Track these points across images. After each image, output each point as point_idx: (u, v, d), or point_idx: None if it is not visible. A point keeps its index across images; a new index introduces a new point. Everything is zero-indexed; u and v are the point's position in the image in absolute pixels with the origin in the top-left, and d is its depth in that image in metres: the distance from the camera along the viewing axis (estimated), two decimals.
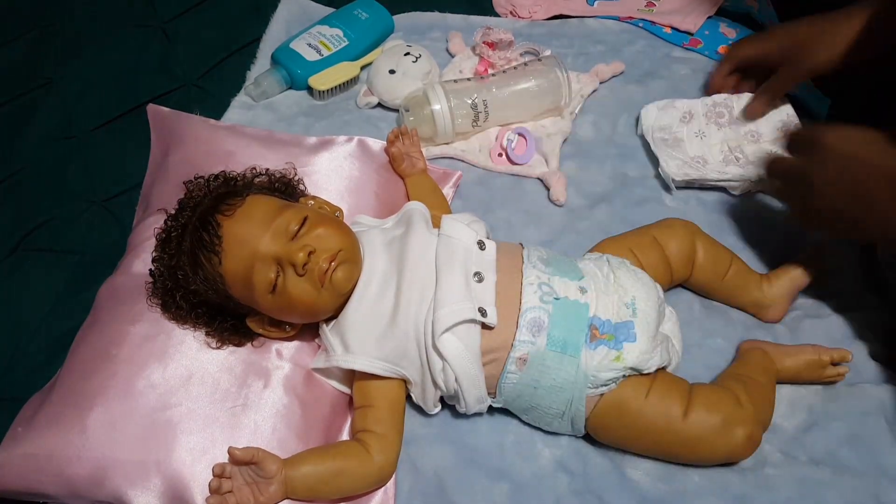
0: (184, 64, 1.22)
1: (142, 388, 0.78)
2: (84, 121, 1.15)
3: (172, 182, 0.94)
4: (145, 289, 0.85)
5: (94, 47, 1.24)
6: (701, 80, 1.20)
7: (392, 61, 1.14)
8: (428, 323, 0.78)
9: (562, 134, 1.11)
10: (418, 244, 0.83)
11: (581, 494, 0.80)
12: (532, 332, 0.79)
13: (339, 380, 0.85)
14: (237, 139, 1.00)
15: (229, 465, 0.73)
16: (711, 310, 0.95)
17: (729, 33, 1.27)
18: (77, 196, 1.07)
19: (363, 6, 1.25)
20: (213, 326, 0.82)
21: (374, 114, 1.15)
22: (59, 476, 0.75)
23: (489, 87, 1.09)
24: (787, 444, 0.83)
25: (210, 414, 0.78)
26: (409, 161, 1.02)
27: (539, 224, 1.03)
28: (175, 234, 0.81)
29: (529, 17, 1.30)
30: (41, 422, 0.77)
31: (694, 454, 0.80)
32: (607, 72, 1.19)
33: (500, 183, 1.08)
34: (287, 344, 0.85)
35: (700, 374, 0.88)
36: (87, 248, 1.01)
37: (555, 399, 0.79)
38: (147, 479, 0.74)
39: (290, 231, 0.78)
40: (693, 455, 0.80)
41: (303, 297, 0.77)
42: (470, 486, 0.80)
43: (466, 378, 0.78)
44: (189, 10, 1.29)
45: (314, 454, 0.78)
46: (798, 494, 0.80)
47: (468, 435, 0.84)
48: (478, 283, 0.81)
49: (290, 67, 1.17)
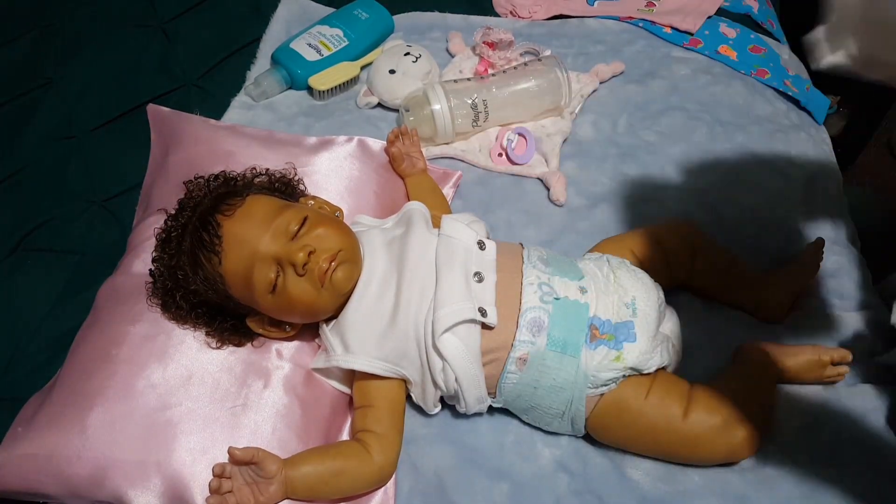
0: (184, 64, 1.22)
1: (142, 388, 0.78)
2: (84, 121, 1.15)
3: (172, 182, 0.94)
4: (145, 289, 0.85)
5: (94, 47, 1.24)
6: (701, 80, 1.20)
7: (392, 61, 1.14)
8: (428, 323, 0.78)
9: (562, 134, 1.11)
10: (418, 244, 0.83)
11: (581, 494, 0.80)
12: (532, 332, 0.79)
13: (339, 380, 0.85)
14: (237, 139, 1.00)
15: (229, 465, 0.73)
16: (711, 310, 0.95)
17: (729, 33, 1.28)
18: (77, 196, 1.07)
19: (363, 6, 1.25)
20: (213, 326, 0.82)
21: (374, 114, 1.15)
22: (59, 476, 0.75)
23: (489, 87, 1.09)
24: (787, 444, 0.83)
25: (210, 414, 0.78)
26: (409, 161, 1.02)
27: (539, 224, 1.03)
28: (175, 234, 0.81)
29: (529, 17, 1.31)
30: (41, 422, 0.77)
31: (694, 454, 0.80)
32: (607, 72, 1.19)
33: (500, 183, 1.08)
34: (287, 344, 0.85)
35: (700, 374, 0.88)
36: (87, 248, 1.01)
37: (555, 399, 0.79)
38: (147, 479, 0.74)
39: (290, 231, 0.78)
40: (693, 455, 0.80)
41: (303, 297, 0.77)
42: (470, 486, 0.80)
43: (466, 378, 0.78)
44: (189, 10, 1.29)
45: (314, 454, 0.78)
46: (798, 494, 0.80)
47: (468, 435, 0.84)
48: (478, 283, 0.81)
49: (290, 67, 1.17)
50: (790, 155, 1.11)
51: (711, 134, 1.13)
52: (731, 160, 1.10)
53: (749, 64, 1.23)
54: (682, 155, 1.11)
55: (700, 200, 1.05)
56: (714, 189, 1.06)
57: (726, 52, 1.24)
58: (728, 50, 1.25)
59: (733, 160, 1.10)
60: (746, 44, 1.26)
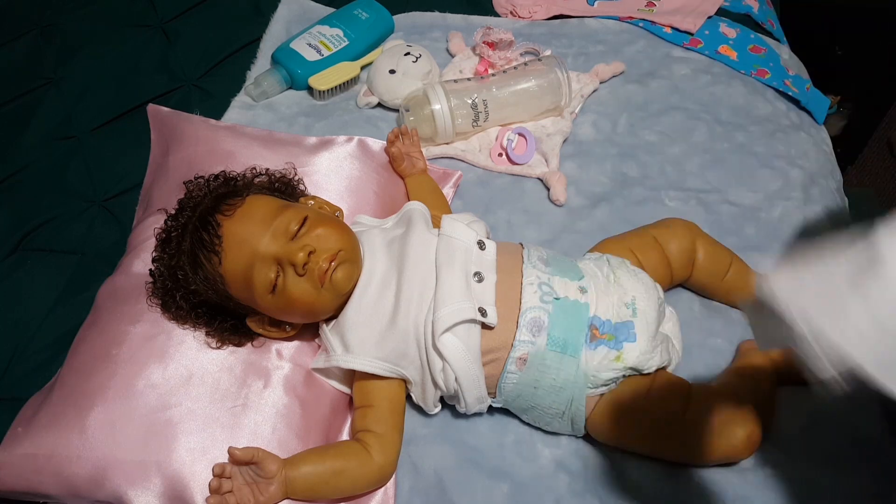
0: (184, 64, 1.22)
1: (142, 388, 0.78)
2: (84, 121, 1.15)
3: (172, 182, 0.94)
4: (145, 289, 0.85)
5: (94, 47, 1.24)
6: (701, 80, 1.20)
7: (392, 61, 1.14)
8: (428, 323, 0.78)
9: (562, 134, 1.11)
10: (418, 244, 0.83)
11: (581, 494, 0.80)
12: (532, 331, 0.79)
13: (339, 380, 0.85)
14: (237, 139, 1.00)
15: (229, 465, 0.73)
16: (711, 310, 0.95)
17: (729, 33, 1.28)
18: (77, 196, 1.07)
19: (363, 6, 1.25)
20: (213, 326, 0.82)
21: (374, 114, 1.15)
22: (59, 476, 0.75)
23: (489, 87, 1.09)
24: (787, 444, 0.83)
25: (210, 414, 0.78)
26: (409, 161, 1.02)
27: (539, 224, 1.03)
28: (175, 234, 0.80)
29: (529, 17, 1.31)
30: (41, 422, 0.77)
31: (694, 454, 0.80)
32: (607, 72, 1.19)
33: (500, 183, 1.08)
34: (287, 344, 0.85)
35: (700, 374, 0.88)
36: (87, 248, 1.01)
37: (555, 399, 0.79)
38: (147, 479, 0.74)
39: (290, 231, 0.78)
40: (693, 455, 0.80)
41: (303, 297, 0.77)
42: (470, 486, 0.80)
43: (466, 378, 0.78)
44: (189, 10, 1.29)
45: (314, 454, 0.78)
46: (798, 494, 0.80)
47: (468, 435, 0.84)
48: (478, 282, 0.81)
49: (290, 67, 1.17)
50: (790, 155, 1.11)
51: (711, 134, 1.13)
52: (731, 160, 1.10)
53: (749, 64, 1.23)
54: (682, 155, 1.11)
55: (700, 200, 1.05)
56: (714, 189, 1.06)
57: (726, 52, 1.24)
58: (728, 50, 1.25)
59: (733, 160, 1.10)
60: (746, 44, 1.26)
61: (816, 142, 1.15)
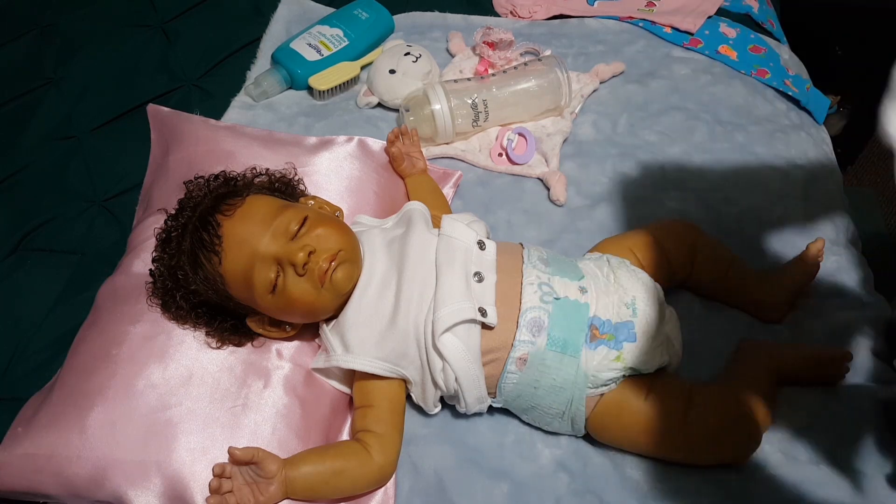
0: (184, 64, 1.22)
1: (142, 388, 0.78)
2: (84, 121, 1.15)
3: (172, 182, 0.94)
4: (145, 289, 0.85)
5: (94, 47, 1.24)
6: (701, 80, 1.20)
7: (392, 61, 1.14)
8: (428, 323, 0.78)
9: (562, 134, 1.11)
10: (418, 244, 0.83)
11: (581, 494, 0.80)
12: (532, 331, 0.79)
13: (340, 380, 0.85)
14: (237, 139, 1.00)
15: (229, 465, 0.73)
16: (711, 310, 0.95)
17: (729, 33, 1.28)
18: (77, 196, 1.07)
19: (363, 6, 1.25)
20: (213, 326, 0.82)
21: (374, 114, 1.15)
22: (59, 476, 0.75)
23: (489, 87, 1.09)
24: (787, 444, 0.83)
25: (210, 414, 0.78)
26: (409, 161, 1.02)
27: (539, 224, 1.03)
28: (175, 234, 0.80)
29: (529, 17, 1.31)
30: (41, 422, 0.77)
31: (694, 454, 0.80)
32: (607, 72, 1.19)
33: (500, 183, 1.08)
34: (287, 344, 0.85)
35: (700, 374, 0.88)
36: (87, 248, 1.01)
37: (555, 399, 0.79)
38: (147, 479, 0.74)
39: (290, 231, 0.78)
40: (693, 455, 0.80)
41: (303, 297, 0.77)
42: (470, 486, 0.80)
43: (466, 378, 0.78)
44: (189, 10, 1.29)
45: (314, 454, 0.78)
46: (798, 494, 0.80)
47: (468, 435, 0.84)
48: (478, 282, 0.81)
49: (290, 67, 1.17)
50: (790, 155, 1.11)
51: (711, 134, 1.13)
52: (731, 160, 1.10)
53: (749, 64, 1.23)
54: (682, 155, 1.11)
55: (700, 200, 1.05)
56: (714, 189, 1.06)
57: (726, 52, 1.24)
58: (728, 50, 1.25)
59: (733, 160, 1.10)
60: (746, 44, 1.26)
61: (816, 142, 1.15)
